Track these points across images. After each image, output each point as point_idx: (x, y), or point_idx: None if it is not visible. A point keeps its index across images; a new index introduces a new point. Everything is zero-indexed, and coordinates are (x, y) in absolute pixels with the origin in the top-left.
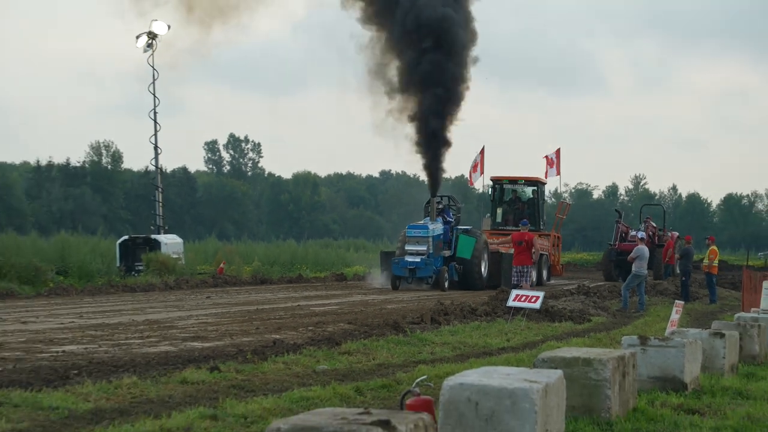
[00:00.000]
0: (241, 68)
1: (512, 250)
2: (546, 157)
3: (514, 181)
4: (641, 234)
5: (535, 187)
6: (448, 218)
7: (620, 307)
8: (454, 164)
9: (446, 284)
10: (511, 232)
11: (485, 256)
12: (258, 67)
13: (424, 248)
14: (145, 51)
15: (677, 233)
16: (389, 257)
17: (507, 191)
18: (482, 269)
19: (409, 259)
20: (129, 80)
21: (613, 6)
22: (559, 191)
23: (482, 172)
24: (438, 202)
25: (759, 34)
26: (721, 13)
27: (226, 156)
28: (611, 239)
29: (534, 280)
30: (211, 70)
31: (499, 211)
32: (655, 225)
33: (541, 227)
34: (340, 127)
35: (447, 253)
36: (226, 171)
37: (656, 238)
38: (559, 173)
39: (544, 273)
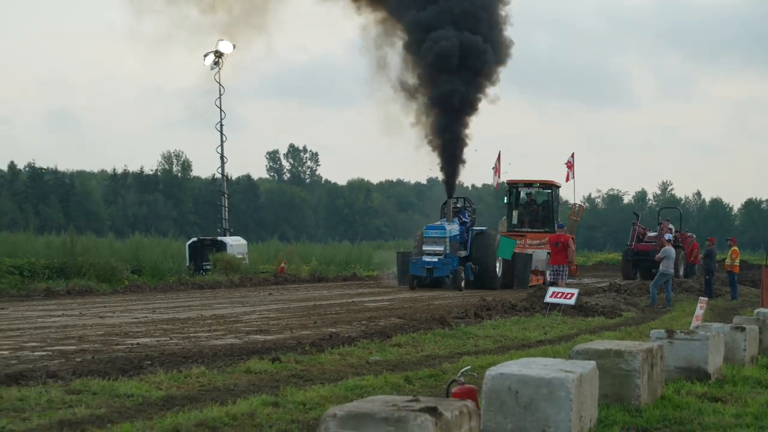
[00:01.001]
0: (301, 84)
1: (526, 251)
2: (567, 162)
3: (529, 184)
4: (668, 236)
5: (550, 190)
6: (463, 219)
7: (649, 303)
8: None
9: (462, 284)
10: (526, 233)
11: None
12: (316, 81)
13: (441, 248)
14: (212, 68)
15: (693, 235)
16: (406, 257)
17: (522, 194)
18: (497, 269)
19: (426, 259)
20: (197, 95)
21: (639, 23)
22: (592, 196)
23: (499, 176)
24: (455, 204)
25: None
26: (739, 29)
27: (286, 164)
28: (625, 239)
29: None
30: (272, 86)
31: (515, 213)
32: (671, 227)
33: (555, 228)
34: (391, 137)
35: (463, 253)
36: (286, 178)
37: (661, 235)
38: (573, 176)
39: None
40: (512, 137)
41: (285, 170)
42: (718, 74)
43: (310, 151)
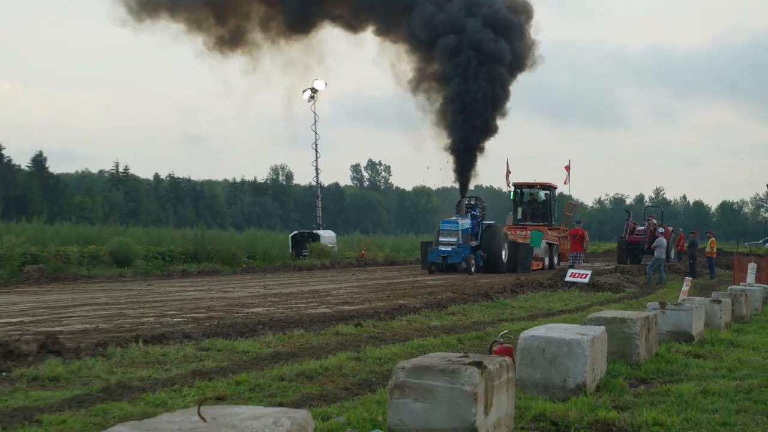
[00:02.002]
0: (375, 111)
1: (527, 241)
2: (566, 167)
3: (531, 186)
4: (661, 230)
5: (548, 191)
6: (475, 214)
7: (646, 282)
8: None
9: (473, 269)
10: (528, 226)
11: (505, 245)
12: (387, 109)
13: (454, 239)
14: (309, 101)
15: (671, 228)
16: (427, 246)
17: (525, 194)
18: (503, 256)
19: (442, 248)
20: (297, 121)
21: (636, 65)
22: (601, 198)
23: (509, 181)
24: (468, 202)
25: (740, 85)
26: (710, 70)
27: (365, 175)
28: (621, 231)
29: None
30: (352, 112)
31: (520, 210)
32: (655, 222)
33: (553, 222)
34: (418, 151)
35: (474, 243)
36: (366, 185)
37: (655, 231)
38: (569, 179)
39: (555, 259)
40: (538, 151)
41: (365, 179)
42: (695, 105)
43: (384, 164)
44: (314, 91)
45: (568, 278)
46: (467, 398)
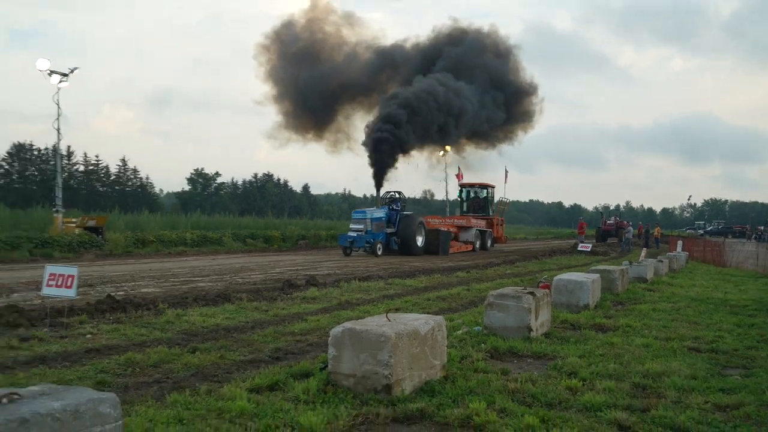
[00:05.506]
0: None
1: (447, 229)
2: (505, 172)
3: (473, 185)
4: (630, 223)
5: (487, 189)
6: (395, 207)
7: (621, 251)
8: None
9: (379, 252)
10: (470, 217)
11: (422, 231)
12: None
13: (361, 227)
14: (441, 157)
15: (628, 222)
16: None
17: (470, 192)
18: (418, 241)
19: (349, 234)
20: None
21: (611, 135)
22: (597, 206)
23: (461, 182)
24: (388, 195)
25: (669, 146)
26: (653, 137)
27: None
28: (599, 223)
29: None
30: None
31: (465, 204)
32: (619, 218)
33: (490, 214)
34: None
35: (389, 230)
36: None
37: (617, 223)
38: (506, 181)
39: (489, 242)
40: (554, 182)
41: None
42: (644, 157)
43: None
44: (445, 151)
45: (579, 248)
46: (525, 311)
